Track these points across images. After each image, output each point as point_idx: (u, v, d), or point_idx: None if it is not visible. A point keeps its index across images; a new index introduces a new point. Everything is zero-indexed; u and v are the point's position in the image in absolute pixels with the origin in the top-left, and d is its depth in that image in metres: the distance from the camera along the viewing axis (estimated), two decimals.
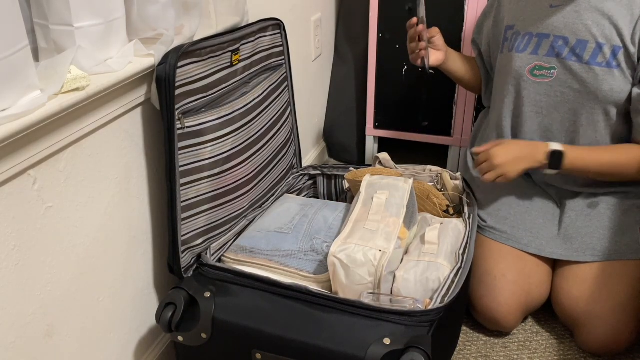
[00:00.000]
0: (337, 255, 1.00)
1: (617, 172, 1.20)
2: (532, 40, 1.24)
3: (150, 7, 0.95)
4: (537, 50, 1.24)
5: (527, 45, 1.25)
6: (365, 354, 0.88)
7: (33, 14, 0.85)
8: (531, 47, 1.24)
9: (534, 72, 1.24)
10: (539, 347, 1.24)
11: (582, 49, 1.18)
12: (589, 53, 1.18)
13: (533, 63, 1.24)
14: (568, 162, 1.17)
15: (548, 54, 1.22)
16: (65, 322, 0.88)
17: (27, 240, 0.78)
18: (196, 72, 1.00)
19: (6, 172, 0.72)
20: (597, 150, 1.21)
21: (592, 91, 1.19)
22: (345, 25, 1.93)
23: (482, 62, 1.45)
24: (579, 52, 1.19)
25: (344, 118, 1.98)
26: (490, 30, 1.39)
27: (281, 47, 1.30)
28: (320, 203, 1.26)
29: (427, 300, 0.98)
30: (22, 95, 0.73)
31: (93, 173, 0.89)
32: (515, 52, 1.27)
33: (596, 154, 1.19)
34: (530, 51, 1.25)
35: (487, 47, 1.42)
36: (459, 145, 1.80)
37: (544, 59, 1.23)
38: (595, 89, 1.18)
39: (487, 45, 1.42)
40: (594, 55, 1.17)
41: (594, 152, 1.20)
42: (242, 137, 1.14)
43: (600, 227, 1.25)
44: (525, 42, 1.25)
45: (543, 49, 1.23)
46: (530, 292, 1.23)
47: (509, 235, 1.28)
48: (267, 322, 0.95)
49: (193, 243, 1.06)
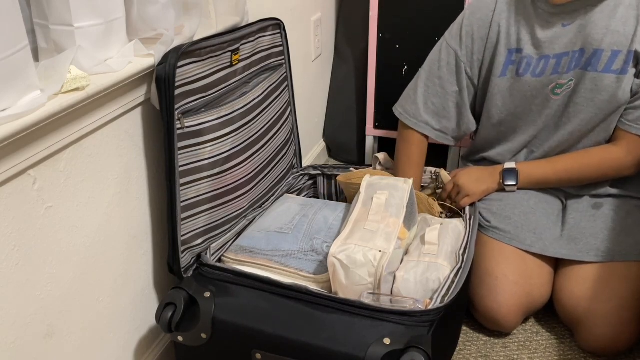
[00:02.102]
0: (337, 255, 1.00)
1: (577, 177, 1.28)
2: (549, 62, 1.24)
3: (150, 7, 0.95)
4: (557, 69, 1.23)
5: (544, 68, 1.24)
6: (365, 354, 0.88)
7: (33, 14, 0.85)
8: (549, 69, 1.24)
9: (554, 90, 1.25)
10: (539, 347, 1.24)
11: (598, 59, 1.19)
12: (604, 62, 1.19)
13: (554, 82, 1.24)
14: (523, 177, 1.29)
15: (567, 70, 1.23)
16: (65, 322, 0.88)
17: (27, 240, 0.78)
18: (196, 72, 1.00)
19: (6, 172, 0.72)
20: (552, 161, 1.30)
21: (607, 99, 1.20)
22: (345, 25, 1.93)
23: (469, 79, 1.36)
24: (594, 61, 1.19)
25: (344, 118, 1.98)
26: (478, 49, 1.31)
27: (281, 47, 1.29)
28: (320, 203, 1.26)
29: (427, 301, 0.98)
30: (22, 95, 0.73)
31: (93, 173, 0.89)
32: (530, 77, 1.25)
33: (551, 164, 1.29)
34: (550, 72, 1.24)
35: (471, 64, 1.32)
36: (459, 146, 1.80)
37: (563, 76, 1.23)
38: (610, 96, 1.20)
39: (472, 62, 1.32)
40: (610, 63, 1.18)
41: (549, 163, 1.30)
42: (242, 137, 1.14)
43: (604, 228, 1.25)
44: (543, 66, 1.24)
45: (563, 67, 1.23)
46: (532, 293, 1.23)
47: (512, 235, 1.28)
48: (267, 322, 0.95)
49: (193, 243, 1.06)
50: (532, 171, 1.30)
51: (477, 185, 1.29)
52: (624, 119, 1.23)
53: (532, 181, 1.30)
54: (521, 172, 1.29)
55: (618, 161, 1.24)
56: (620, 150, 1.24)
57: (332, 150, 2.06)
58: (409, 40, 1.72)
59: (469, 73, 1.32)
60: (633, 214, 1.26)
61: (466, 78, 1.32)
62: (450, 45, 1.32)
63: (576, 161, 1.27)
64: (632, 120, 1.22)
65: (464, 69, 1.31)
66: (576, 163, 1.27)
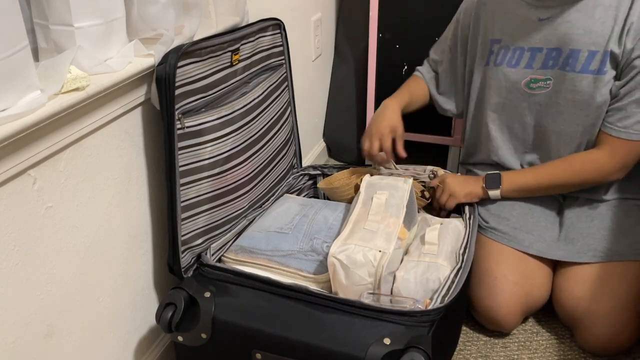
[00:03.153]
0: (337, 255, 1.00)
1: (561, 182, 1.27)
2: (523, 54, 1.25)
3: (150, 7, 0.95)
4: (532, 63, 1.25)
5: (519, 59, 1.26)
6: (365, 354, 0.88)
7: (33, 14, 0.85)
8: (524, 61, 1.25)
9: (530, 85, 1.26)
10: (539, 347, 1.24)
11: (575, 59, 1.19)
12: (581, 62, 1.19)
13: (528, 77, 1.25)
14: (506, 184, 1.29)
15: (542, 66, 1.24)
16: (65, 322, 0.88)
17: (27, 240, 0.78)
18: (196, 72, 1.00)
19: (6, 172, 0.72)
20: (536, 168, 1.30)
21: (586, 99, 1.20)
22: (345, 25, 1.93)
23: (454, 70, 1.42)
24: (571, 62, 1.20)
25: (344, 118, 1.98)
26: (468, 39, 1.36)
27: (281, 47, 1.30)
28: (320, 203, 1.26)
29: (427, 301, 0.98)
30: (22, 95, 0.73)
31: (93, 173, 0.89)
32: (506, 67, 1.28)
33: (534, 171, 1.30)
34: (524, 65, 1.25)
35: (462, 56, 1.39)
36: (459, 146, 1.80)
37: (538, 71, 1.24)
38: (589, 96, 1.20)
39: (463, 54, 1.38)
40: (587, 63, 1.18)
41: (533, 170, 1.30)
42: (242, 137, 1.14)
43: (602, 228, 1.25)
44: (517, 57, 1.26)
45: (537, 63, 1.24)
46: (531, 293, 1.23)
47: (510, 236, 1.28)
48: (267, 322, 0.95)
49: (193, 243, 1.06)
50: (516, 178, 1.29)
51: (462, 186, 1.29)
52: (606, 121, 1.21)
53: (515, 188, 1.29)
54: (504, 178, 1.29)
55: (601, 165, 1.22)
56: (604, 154, 1.22)
57: (332, 150, 2.06)
58: (409, 40, 1.72)
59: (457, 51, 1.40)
60: (631, 214, 1.25)
61: None
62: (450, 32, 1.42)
63: (558, 167, 1.26)
64: (612, 122, 1.20)
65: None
66: (558, 169, 1.26)
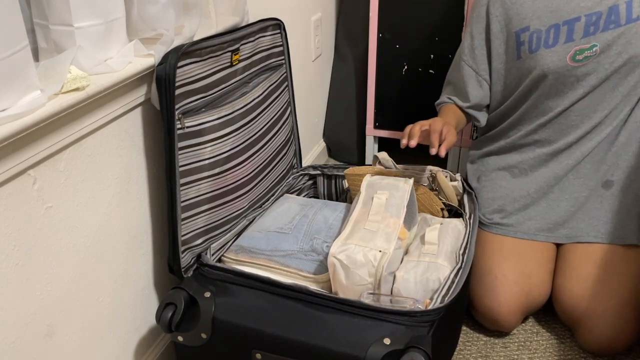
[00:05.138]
0: (337, 255, 1.00)
1: None
2: (560, 30, 1.21)
3: (150, 7, 0.95)
4: (572, 35, 1.21)
5: (556, 37, 1.22)
6: (365, 354, 0.88)
7: (33, 14, 0.85)
8: (562, 36, 1.21)
9: (575, 57, 1.22)
10: (539, 347, 1.24)
11: (616, 14, 1.17)
12: (623, 14, 1.17)
13: (572, 50, 1.21)
14: None
15: (584, 35, 1.20)
16: (65, 322, 0.88)
17: (27, 240, 0.78)
18: (196, 72, 1.00)
19: (6, 172, 0.72)
20: None
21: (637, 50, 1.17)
22: (345, 25, 1.93)
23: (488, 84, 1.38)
24: (614, 18, 1.17)
25: (344, 118, 1.98)
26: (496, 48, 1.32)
27: (281, 47, 1.30)
28: (320, 203, 1.26)
29: (427, 301, 0.98)
30: (22, 95, 0.73)
31: (93, 173, 0.89)
32: (543, 49, 1.23)
33: None
34: (564, 40, 1.21)
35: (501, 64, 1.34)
36: (459, 146, 1.80)
37: (581, 41, 1.20)
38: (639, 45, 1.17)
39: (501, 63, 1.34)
40: (629, 13, 1.16)
41: None
42: (242, 137, 1.14)
43: (609, 211, 1.26)
44: (554, 35, 1.22)
45: (577, 33, 1.20)
46: (531, 292, 1.23)
47: (515, 228, 1.30)
48: (267, 322, 0.95)
49: (193, 243, 1.06)
50: None
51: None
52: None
53: None
54: None
55: None
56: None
57: (332, 150, 2.06)
58: (409, 40, 1.72)
59: (482, 76, 1.36)
60: (637, 199, 1.26)
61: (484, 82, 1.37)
62: (466, 62, 1.36)
63: None
64: None
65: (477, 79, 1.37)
66: None
